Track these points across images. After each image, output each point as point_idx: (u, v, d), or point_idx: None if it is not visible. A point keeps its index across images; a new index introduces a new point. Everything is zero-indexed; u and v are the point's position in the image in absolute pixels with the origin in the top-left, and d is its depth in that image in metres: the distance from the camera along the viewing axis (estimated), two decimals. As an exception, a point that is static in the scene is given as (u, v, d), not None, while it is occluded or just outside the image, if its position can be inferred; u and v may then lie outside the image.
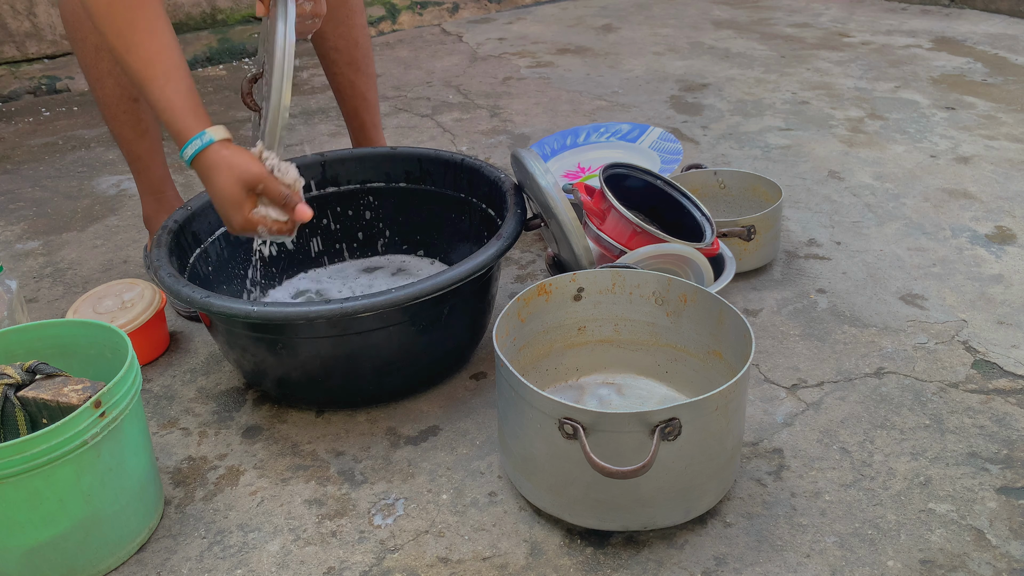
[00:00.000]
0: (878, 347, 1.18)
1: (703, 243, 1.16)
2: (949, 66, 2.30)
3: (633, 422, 0.80)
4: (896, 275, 1.35)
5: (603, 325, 1.07)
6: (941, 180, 1.66)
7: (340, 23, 1.42)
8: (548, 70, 2.46)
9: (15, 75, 2.46)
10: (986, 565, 0.85)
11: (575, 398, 1.06)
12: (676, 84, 2.28)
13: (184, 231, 1.15)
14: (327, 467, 1.01)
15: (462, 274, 0.99)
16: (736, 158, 1.80)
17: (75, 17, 1.19)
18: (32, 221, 1.68)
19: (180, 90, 0.95)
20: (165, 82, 0.94)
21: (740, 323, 0.92)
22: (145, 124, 1.29)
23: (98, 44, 1.20)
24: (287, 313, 0.94)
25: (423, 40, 2.85)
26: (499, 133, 2.00)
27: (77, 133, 2.13)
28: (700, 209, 1.22)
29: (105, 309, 1.19)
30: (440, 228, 1.34)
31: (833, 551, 0.87)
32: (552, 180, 1.09)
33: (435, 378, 1.14)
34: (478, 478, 0.98)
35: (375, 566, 0.87)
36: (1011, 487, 0.94)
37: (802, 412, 1.07)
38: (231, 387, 1.17)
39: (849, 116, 1.99)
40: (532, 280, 1.38)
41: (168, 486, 1.00)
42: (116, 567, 0.89)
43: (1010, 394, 1.08)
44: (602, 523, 0.88)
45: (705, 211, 1.21)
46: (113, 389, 0.83)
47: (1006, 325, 1.21)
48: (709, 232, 1.18)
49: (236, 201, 0.96)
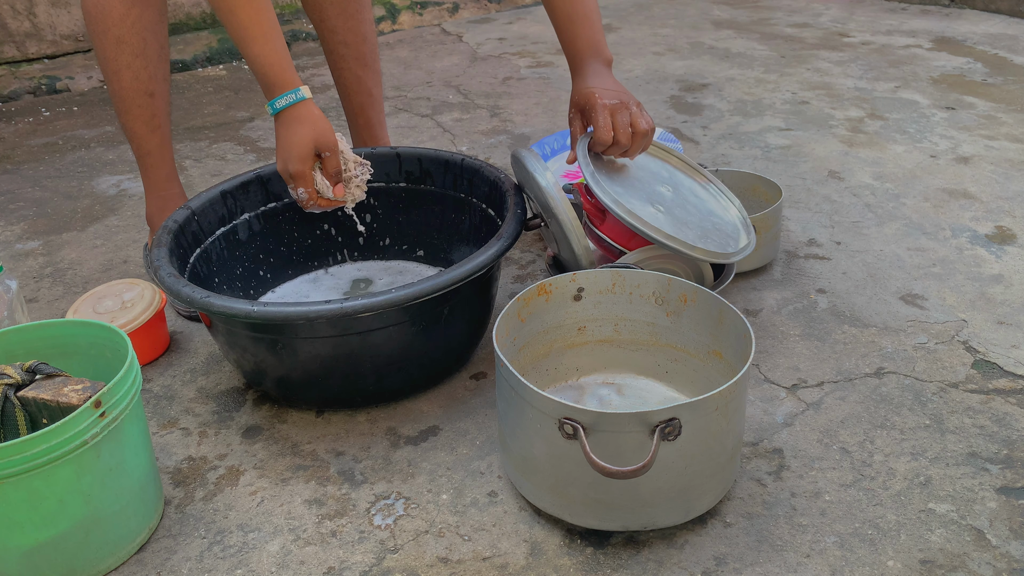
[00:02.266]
0: (878, 347, 1.18)
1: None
2: (949, 66, 2.30)
3: (633, 422, 0.80)
4: (896, 275, 1.35)
5: (603, 325, 1.07)
6: (941, 180, 1.66)
7: (351, 17, 1.41)
8: (548, 70, 2.46)
9: (15, 75, 2.46)
10: (986, 565, 0.85)
11: (575, 398, 1.06)
12: (676, 84, 2.28)
13: (184, 231, 1.15)
14: (327, 467, 1.01)
15: (462, 274, 0.99)
16: (736, 158, 1.80)
17: (98, 10, 1.21)
18: (32, 221, 1.68)
19: (278, 48, 1.06)
20: (265, 41, 1.05)
21: (740, 323, 0.92)
22: (158, 120, 1.30)
23: (120, 37, 1.22)
24: (287, 313, 0.94)
25: (423, 40, 2.85)
26: (499, 133, 2.00)
27: (77, 133, 2.13)
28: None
29: (105, 309, 1.19)
30: (440, 228, 1.34)
31: (833, 551, 0.87)
32: (552, 180, 1.09)
33: (435, 378, 1.14)
34: (478, 478, 0.98)
35: (375, 566, 0.87)
36: (1011, 487, 0.94)
37: (802, 412, 1.07)
38: (231, 387, 1.17)
39: (849, 116, 1.99)
40: (532, 280, 1.38)
41: (168, 486, 1.00)
42: (116, 567, 0.89)
43: (1010, 394, 1.08)
44: (602, 523, 0.88)
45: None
46: (113, 389, 0.83)
47: (1006, 325, 1.21)
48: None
49: (305, 154, 1.06)
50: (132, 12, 1.20)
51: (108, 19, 1.21)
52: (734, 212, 1.21)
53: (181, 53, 2.60)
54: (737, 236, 1.16)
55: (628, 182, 1.14)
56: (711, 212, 1.18)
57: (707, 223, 1.15)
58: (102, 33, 1.22)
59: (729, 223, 1.18)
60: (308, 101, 1.07)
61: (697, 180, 1.24)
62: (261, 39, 1.05)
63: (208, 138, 2.05)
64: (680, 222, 1.11)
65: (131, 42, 1.22)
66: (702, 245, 1.08)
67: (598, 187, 1.06)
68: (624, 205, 1.05)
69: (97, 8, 1.21)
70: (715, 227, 1.15)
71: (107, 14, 1.21)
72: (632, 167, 1.18)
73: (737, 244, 1.14)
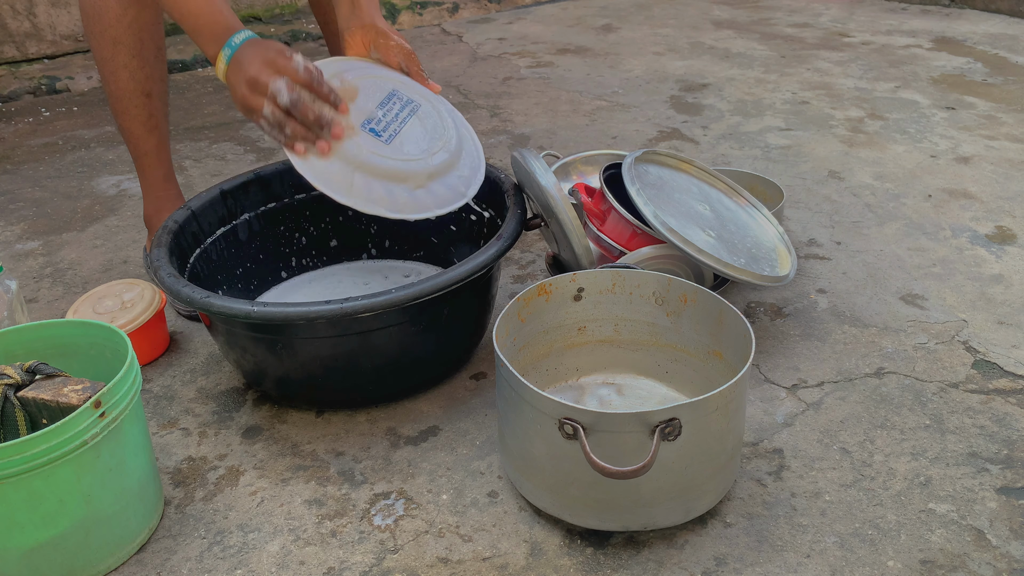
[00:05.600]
0: (878, 347, 1.18)
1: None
2: (949, 66, 2.30)
3: (633, 422, 0.80)
4: (896, 275, 1.35)
5: (603, 325, 1.07)
6: (941, 180, 1.66)
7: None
8: (548, 70, 2.46)
9: (15, 75, 2.46)
10: (986, 565, 0.85)
11: (575, 398, 1.06)
12: (676, 84, 2.28)
13: (184, 231, 1.15)
14: (327, 467, 1.01)
15: (462, 274, 0.99)
16: (736, 158, 1.80)
17: (95, 10, 1.21)
18: (32, 221, 1.67)
19: None
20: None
21: (740, 323, 0.92)
22: (156, 120, 1.30)
23: (116, 37, 1.22)
24: (287, 313, 0.94)
25: (423, 40, 2.85)
26: (499, 133, 2.00)
27: (77, 133, 2.13)
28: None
29: (105, 309, 1.19)
30: (440, 228, 1.34)
31: (833, 551, 0.87)
32: (552, 180, 1.09)
33: (435, 378, 1.14)
34: (478, 478, 0.98)
35: (375, 566, 0.87)
36: (1011, 487, 0.94)
37: (802, 412, 1.07)
38: (231, 387, 1.17)
39: (849, 116, 1.99)
40: (532, 280, 1.38)
41: (168, 486, 1.00)
42: (116, 567, 0.89)
43: (1010, 394, 1.08)
44: (602, 523, 0.87)
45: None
46: (113, 389, 0.83)
47: (1006, 325, 1.21)
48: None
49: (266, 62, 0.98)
50: (129, 12, 1.20)
51: (105, 19, 1.21)
52: (765, 224, 1.24)
53: (181, 53, 2.60)
54: (773, 247, 1.20)
55: (662, 197, 1.15)
56: (747, 227, 1.21)
57: (748, 241, 1.18)
58: (99, 34, 1.22)
59: (765, 238, 1.21)
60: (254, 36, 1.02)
61: (721, 190, 1.26)
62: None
63: (208, 138, 2.05)
64: (731, 246, 1.13)
65: (128, 43, 1.22)
66: (754, 269, 1.11)
67: (656, 220, 1.08)
68: (681, 235, 1.07)
69: (94, 8, 1.21)
70: (755, 243, 1.18)
71: (104, 14, 1.21)
72: (663, 178, 1.20)
73: (775, 257, 1.17)
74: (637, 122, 2.02)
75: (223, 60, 1.01)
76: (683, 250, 1.06)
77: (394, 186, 1.05)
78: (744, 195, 1.26)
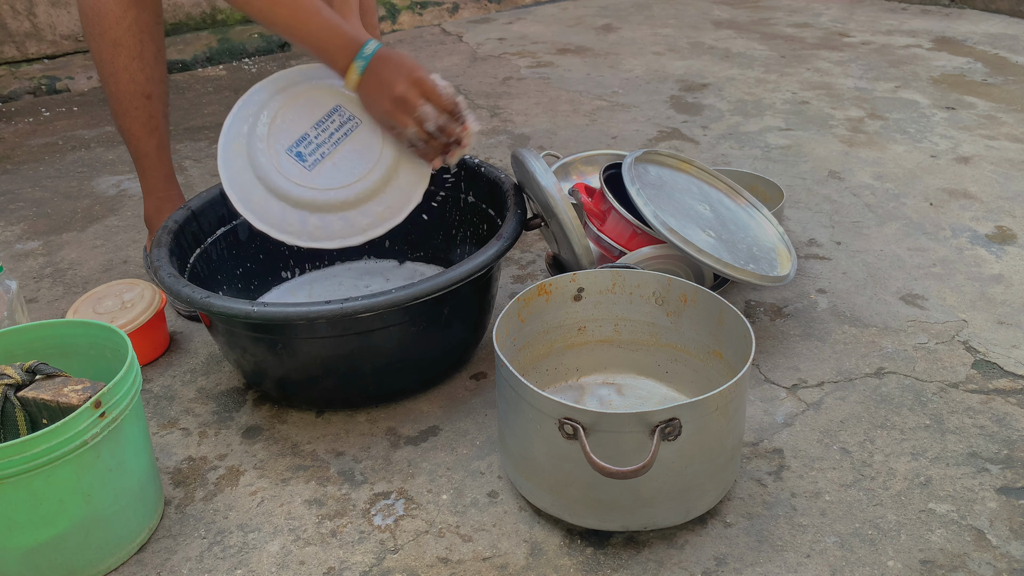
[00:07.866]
0: (878, 347, 1.18)
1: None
2: (949, 66, 2.30)
3: (633, 422, 0.80)
4: (896, 275, 1.35)
5: (603, 325, 1.07)
6: (941, 180, 1.66)
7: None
8: (548, 70, 2.46)
9: (15, 75, 2.46)
10: (986, 565, 0.85)
11: (575, 398, 1.06)
12: (676, 84, 2.28)
13: (184, 231, 1.15)
14: (327, 467, 1.01)
15: (462, 274, 0.99)
16: (736, 158, 1.80)
17: (94, 12, 1.21)
18: (32, 221, 1.68)
19: (334, 14, 1.05)
20: (322, 9, 1.04)
21: (740, 323, 0.92)
22: (155, 121, 1.30)
23: (116, 39, 1.22)
24: (287, 313, 0.94)
25: (423, 40, 2.85)
26: (499, 133, 2.00)
27: (77, 133, 2.13)
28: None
29: (105, 309, 1.19)
30: (440, 228, 1.34)
31: (833, 551, 0.87)
32: (553, 180, 1.09)
33: (435, 378, 1.14)
34: (478, 478, 0.98)
35: (375, 566, 0.87)
36: (1011, 487, 0.94)
37: (802, 412, 1.07)
38: (231, 387, 1.17)
39: (849, 116, 1.99)
40: (532, 280, 1.38)
41: (168, 486, 1.00)
42: (116, 567, 0.89)
43: (1010, 394, 1.08)
44: (602, 523, 0.87)
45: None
46: (113, 389, 0.83)
47: (1006, 325, 1.21)
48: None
49: (414, 75, 1.05)
50: (128, 14, 1.20)
51: (104, 21, 1.21)
52: (765, 223, 1.24)
53: (181, 53, 2.60)
54: (773, 247, 1.19)
55: (662, 197, 1.15)
56: (747, 227, 1.21)
57: (748, 241, 1.18)
58: (99, 35, 1.22)
59: (765, 238, 1.21)
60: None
61: (721, 190, 1.26)
62: (317, 10, 1.04)
63: (208, 138, 2.05)
64: (731, 246, 1.13)
65: (128, 44, 1.22)
66: (754, 268, 1.11)
67: (656, 220, 1.08)
68: (681, 235, 1.07)
69: (93, 10, 1.20)
70: (755, 242, 1.18)
71: (103, 16, 1.20)
72: (663, 178, 1.20)
73: (775, 257, 1.17)
74: (637, 122, 2.02)
75: (356, 71, 1.05)
76: (683, 250, 1.06)
77: (309, 215, 1.09)
78: (744, 195, 1.26)
